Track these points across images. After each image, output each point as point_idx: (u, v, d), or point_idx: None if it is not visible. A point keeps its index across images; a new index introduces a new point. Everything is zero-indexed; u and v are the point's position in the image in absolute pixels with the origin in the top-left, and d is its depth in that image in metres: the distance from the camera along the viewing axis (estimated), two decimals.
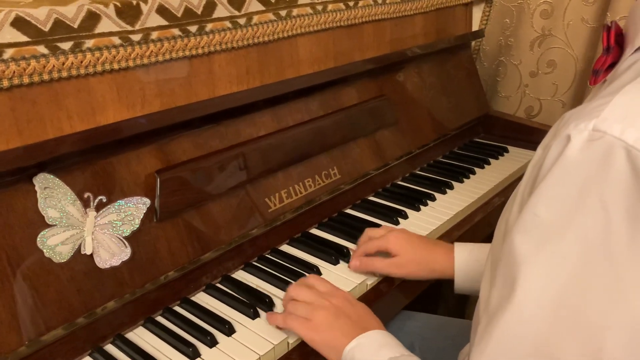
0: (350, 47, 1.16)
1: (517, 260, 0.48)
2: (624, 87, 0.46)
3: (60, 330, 0.71)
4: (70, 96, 0.74)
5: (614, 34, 0.55)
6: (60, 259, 0.70)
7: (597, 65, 0.56)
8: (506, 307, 0.48)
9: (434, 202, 1.14)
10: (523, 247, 0.48)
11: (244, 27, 0.92)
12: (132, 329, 0.79)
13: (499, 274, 0.50)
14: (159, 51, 0.81)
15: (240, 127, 0.94)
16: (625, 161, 0.42)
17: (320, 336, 0.72)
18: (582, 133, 0.45)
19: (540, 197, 0.47)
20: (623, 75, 0.50)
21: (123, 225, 0.76)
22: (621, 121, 0.43)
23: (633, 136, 0.42)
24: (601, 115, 0.44)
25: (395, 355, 0.66)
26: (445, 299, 1.57)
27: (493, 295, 0.51)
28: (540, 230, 0.47)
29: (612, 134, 0.43)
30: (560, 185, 0.46)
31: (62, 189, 0.71)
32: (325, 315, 0.73)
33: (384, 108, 1.20)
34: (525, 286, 0.47)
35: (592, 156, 0.44)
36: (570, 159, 0.45)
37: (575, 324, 0.45)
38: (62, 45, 0.71)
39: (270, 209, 0.95)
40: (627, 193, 0.42)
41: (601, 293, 0.44)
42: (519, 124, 1.48)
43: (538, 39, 1.48)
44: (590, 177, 0.44)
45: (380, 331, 0.71)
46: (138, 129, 0.79)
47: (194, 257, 0.83)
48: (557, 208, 0.46)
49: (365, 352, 0.68)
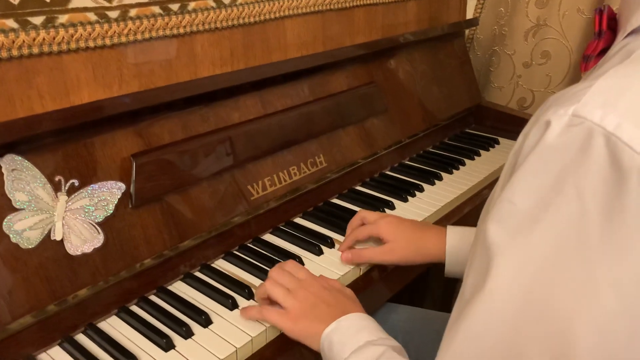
0: (340, 31, 1.13)
1: (490, 250, 0.46)
2: (609, 70, 0.44)
3: (29, 318, 0.68)
4: (42, 74, 0.70)
5: (607, 18, 0.52)
6: (28, 245, 0.67)
7: (589, 51, 0.53)
8: (477, 297, 0.46)
9: (422, 193, 1.12)
10: (497, 236, 0.46)
11: (229, 6, 0.89)
12: (105, 318, 0.76)
13: (474, 263, 0.49)
14: (137, 29, 0.78)
15: (223, 111, 0.90)
16: (604, 149, 0.40)
17: (298, 325, 0.70)
18: (561, 119, 0.42)
19: (517, 185, 0.45)
20: (610, 59, 0.48)
21: (96, 211, 0.72)
22: (602, 107, 0.41)
23: (613, 123, 0.40)
24: (582, 101, 0.42)
25: (374, 338, 0.65)
26: (432, 290, 1.55)
27: (467, 284, 0.49)
28: (514, 219, 0.45)
29: (592, 120, 0.41)
30: (537, 172, 0.44)
31: (32, 171, 0.68)
32: (302, 304, 0.71)
33: (373, 95, 1.17)
34: (496, 276, 0.45)
35: (571, 143, 0.42)
36: (548, 146, 0.43)
37: (544, 316, 0.44)
38: (33, 20, 0.68)
39: (253, 197, 0.92)
40: (604, 183, 0.40)
41: (571, 286, 0.42)
42: (511, 115, 1.45)
43: (533, 29, 1.45)
44: (567, 165, 0.42)
45: (359, 314, 0.69)
46: (114, 110, 0.75)
47: (171, 245, 0.80)
48: (532, 196, 0.44)
49: (342, 335, 0.66)
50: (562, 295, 0.43)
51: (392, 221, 0.89)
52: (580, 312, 0.42)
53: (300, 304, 0.71)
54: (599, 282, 0.41)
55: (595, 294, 0.41)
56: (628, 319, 0.41)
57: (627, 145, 0.39)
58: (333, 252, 0.92)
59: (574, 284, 0.42)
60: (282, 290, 0.73)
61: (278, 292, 0.73)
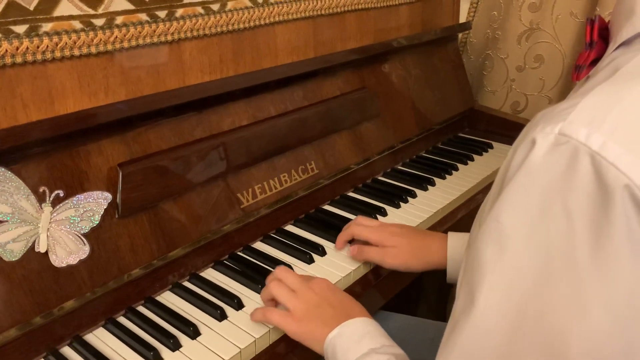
0: (331, 36, 1.12)
1: (480, 268, 0.46)
2: (595, 88, 0.44)
3: (13, 332, 0.67)
4: (26, 83, 0.69)
5: (598, 28, 0.52)
6: (12, 257, 0.66)
7: (580, 61, 0.53)
8: (468, 316, 0.47)
9: (415, 199, 1.11)
10: (486, 254, 0.46)
11: (218, 13, 0.88)
12: (91, 330, 0.75)
13: (464, 280, 0.49)
14: (124, 37, 0.77)
15: (212, 118, 0.89)
16: (590, 168, 0.40)
17: (302, 328, 0.69)
18: (547, 137, 0.42)
19: (504, 204, 0.45)
20: (599, 73, 0.47)
21: (82, 222, 0.71)
22: (587, 125, 0.41)
23: (598, 142, 0.40)
24: (568, 119, 0.42)
25: (376, 346, 0.64)
26: (427, 297, 1.54)
27: (459, 300, 0.49)
28: (503, 238, 0.45)
29: (577, 139, 0.41)
30: (523, 191, 0.44)
31: (15, 182, 0.66)
32: (306, 306, 0.70)
33: (365, 101, 1.17)
34: (486, 295, 0.45)
35: (557, 162, 0.42)
36: (535, 164, 0.43)
37: (536, 335, 0.44)
38: (16, 29, 0.67)
39: (243, 205, 0.91)
40: (591, 202, 0.40)
41: (562, 305, 0.42)
42: (505, 119, 1.45)
43: (526, 33, 1.44)
44: (554, 184, 0.42)
45: (363, 319, 0.69)
46: (100, 119, 0.74)
47: (159, 255, 0.79)
48: (520, 215, 0.44)
49: (346, 341, 0.66)
50: (553, 315, 0.42)
51: (394, 229, 0.89)
52: (572, 332, 0.42)
53: (304, 305, 0.70)
54: (590, 302, 0.41)
55: (586, 314, 0.41)
56: (620, 339, 0.41)
57: (612, 164, 0.39)
58: (324, 260, 0.91)
59: (565, 303, 0.42)
60: (287, 291, 0.72)
61: (282, 293, 0.72)
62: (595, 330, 0.41)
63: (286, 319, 0.70)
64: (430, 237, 0.89)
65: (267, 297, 0.76)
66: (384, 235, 0.87)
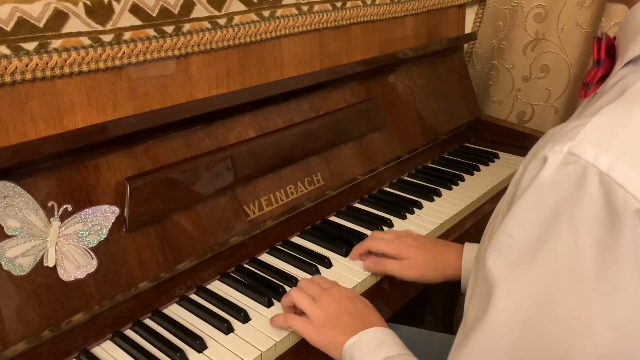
0: (337, 49, 1.12)
1: (490, 280, 0.47)
2: (603, 107, 0.45)
3: (21, 345, 0.67)
4: (35, 99, 0.70)
5: (605, 46, 0.52)
6: (20, 272, 0.66)
7: (588, 78, 0.53)
8: (478, 327, 0.48)
9: (421, 210, 1.11)
10: (497, 267, 0.47)
11: (224, 27, 0.88)
12: (99, 343, 0.75)
13: (476, 291, 0.50)
14: (132, 52, 0.78)
15: (219, 131, 0.90)
16: (597, 188, 0.41)
17: (321, 335, 0.72)
18: (557, 155, 0.43)
19: (514, 219, 0.46)
20: (607, 92, 0.48)
21: (89, 236, 0.72)
22: (596, 145, 0.42)
23: (607, 162, 0.41)
24: (577, 138, 0.43)
25: (392, 354, 0.66)
26: (434, 307, 1.54)
27: (470, 311, 0.51)
28: (513, 252, 0.46)
29: (586, 159, 0.42)
30: (533, 208, 0.45)
31: (24, 197, 0.67)
32: (326, 314, 0.73)
33: (371, 112, 1.17)
34: (496, 308, 0.47)
35: (566, 181, 0.43)
36: (544, 182, 0.44)
37: (541, 350, 0.44)
38: (26, 46, 0.68)
39: (249, 217, 0.92)
40: (598, 222, 0.41)
41: (567, 320, 0.43)
42: (511, 129, 1.44)
43: (531, 43, 1.45)
44: (562, 202, 0.43)
45: (381, 328, 0.71)
46: (109, 134, 0.75)
47: (166, 268, 0.80)
48: (529, 231, 0.45)
49: (363, 349, 0.68)
50: (558, 328, 0.43)
51: (410, 241, 0.90)
52: (577, 347, 0.42)
53: (324, 313, 0.73)
54: (594, 318, 0.42)
55: (591, 330, 0.42)
56: (623, 356, 0.41)
57: (621, 186, 0.40)
58: (330, 272, 0.91)
59: (570, 318, 0.43)
60: (308, 299, 0.75)
61: (304, 300, 0.75)
62: (599, 346, 0.42)
63: (307, 325, 0.73)
64: (447, 247, 0.90)
65: (288, 304, 0.78)
66: (400, 248, 0.89)
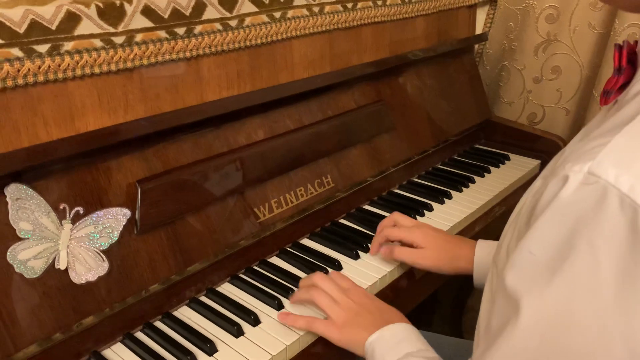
0: (347, 50, 1.12)
1: (512, 295, 0.47)
2: (625, 125, 0.44)
3: (33, 348, 0.67)
4: (47, 101, 0.70)
5: (627, 54, 0.51)
6: (32, 275, 0.66)
7: (608, 86, 0.52)
8: (501, 338, 0.48)
9: (431, 213, 1.11)
10: (518, 283, 0.47)
11: (236, 29, 0.88)
12: (109, 346, 0.75)
13: (497, 303, 0.50)
14: (143, 54, 0.77)
15: (229, 133, 0.90)
16: (618, 210, 0.41)
17: (344, 335, 0.73)
18: (577, 175, 0.43)
19: (535, 236, 0.46)
20: (629, 104, 0.47)
21: (101, 238, 0.72)
22: (616, 166, 0.41)
23: (628, 183, 0.40)
24: (597, 158, 0.43)
25: (413, 350, 0.67)
26: (441, 309, 1.53)
27: (493, 321, 0.51)
28: (533, 269, 0.46)
29: (606, 180, 0.41)
30: (553, 226, 0.45)
31: (36, 200, 0.67)
32: (347, 314, 0.74)
33: (381, 113, 1.16)
34: (515, 324, 0.47)
35: (586, 201, 0.42)
36: (564, 202, 0.44)
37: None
38: (39, 48, 0.68)
39: (259, 219, 0.92)
40: (619, 243, 0.41)
41: (584, 339, 0.43)
42: (522, 130, 1.43)
43: (543, 44, 1.43)
44: (582, 222, 0.42)
45: (402, 324, 0.72)
46: (120, 136, 0.75)
47: (176, 270, 0.79)
48: (550, 248, 0.45)
49: (384, 345, 0.69)
50: (577, 347, 0.43)
51: (428, 231, 0.91)
52: None
53: (345, 313, 0.75)
54: (612, 338, 0.41)
55: (609, 350, 0.42)
56: None
57: None
58: None
59: (588, 336, 0.42)
60: (328, 299, 0.76)
61: (324, 301, 0.76)
62: None
63: (329, 327, 0.75)
64: (461, 242, 0.91)
65: (304, 301, 0.81)
66: (417, 235, 0.90)
